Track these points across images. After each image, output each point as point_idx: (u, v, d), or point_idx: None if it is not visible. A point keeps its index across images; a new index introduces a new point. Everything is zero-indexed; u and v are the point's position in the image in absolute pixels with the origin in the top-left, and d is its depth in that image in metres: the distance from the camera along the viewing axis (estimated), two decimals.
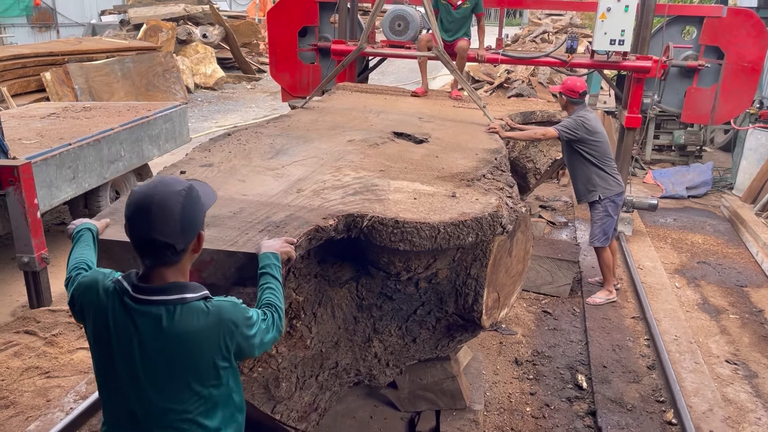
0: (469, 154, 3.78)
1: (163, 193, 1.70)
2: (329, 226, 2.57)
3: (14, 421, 3.63)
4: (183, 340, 1.70)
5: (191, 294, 1.74)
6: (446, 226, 2.66)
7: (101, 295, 1.76)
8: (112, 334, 1.72)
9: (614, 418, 3.84)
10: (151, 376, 1.73)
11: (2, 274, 5.63)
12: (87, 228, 2.16)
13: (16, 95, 10.63)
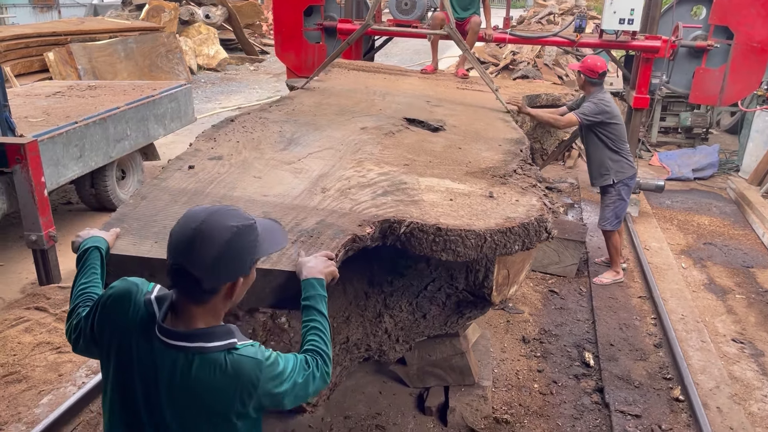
0: (492, 145, 3.63)
1: (213, 222, 1.52)
2: (366, 235, 2.36)
3: (27, 395, 3.66)
4: (196, 393, 1.54)
5: (214, 343, 1.55)
6: (492, 234, 2.45)
7: (131, 312, 1.59)
8: (135, 360, 1.57)
9: (621, 394, 3.86)
10: (162, 419, 1.59)
11: (11, 252, 5.65)
12: (95, 247, 1.94)
13: (19, 75, 10.59)
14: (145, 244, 2.15)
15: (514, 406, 3.76)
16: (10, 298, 4.82)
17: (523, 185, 2.99)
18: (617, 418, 3.64)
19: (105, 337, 1.61)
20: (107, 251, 1.98)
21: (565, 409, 3.76)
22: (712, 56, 6.84)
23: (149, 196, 2.55)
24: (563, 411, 3.75)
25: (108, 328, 1.61)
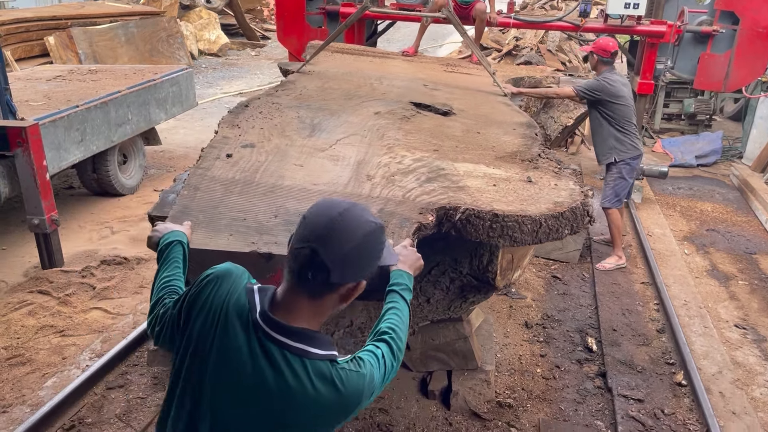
0: (507, 129, 3.70)
1: (355, 214, 1.45)
2: (430, 223, 2.39)
3: (31, 378, 3.67)
4: (288, 397, 1.40)
5: (317, 350, 1.43)
6: (547, 219, 2.49)
7: (227, 295, 1.49)
8: (214, 344, 1.45)
9: (624, 379, 3.87)
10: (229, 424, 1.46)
11: (13, 236, 5.65)
12: (178, 240, 1.87)
13: (19, 59, 10.53)
14: (220, 238, 2.18)
15: (516, 390, 3.77)
16: (13, 281, 4.82)
17: (554, 169, 3.03)
18: (620, 403, 3.65)
19: (190, 318, 1.51)
20: (188, 245, 1.92)
21: (567, 394, 3.77)
22: (718, 41, 6.80)
23: (201, 187, 2.58)
24: (566, 395, 3.75)
25: (196, 307, 1.51)
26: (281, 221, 2.36)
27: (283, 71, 5.16)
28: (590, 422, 3.53)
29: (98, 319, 4.29)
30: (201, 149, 3.00)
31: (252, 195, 2.56)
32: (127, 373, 3.73)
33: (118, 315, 4.35)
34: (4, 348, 3.93)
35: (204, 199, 2.48)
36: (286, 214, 2.42)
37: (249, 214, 2.39)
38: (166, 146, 8.30)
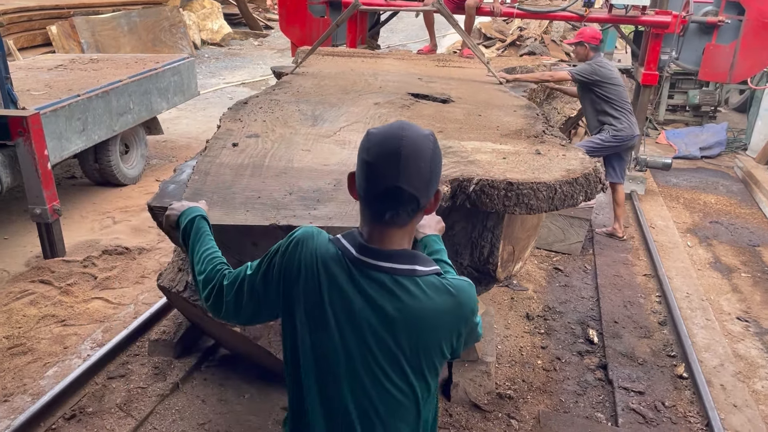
0: (507, 111, 3.74)
1: (414, 136, 1.43)
2: (445, 193, 2.45)
3: (33, 367, 3.68)
4: (413, 317, 1.44)
5: (423, 267, 1.48)
6: (562, 185, 2.55)
7: (318, 250, 1.51)
8: (326, 302, 1.48)
9: (625, 371, 3.86)
10: (365, 360, 1.48)
11: (15, 225, 5.65)
12: (201, 216, 1.87)
13: (22, 49, 10.51)
14: (237, 214, 2.23)
15: (517, 381, 3.77)
16: (14, 271, 4.83)
17: (561, 143, 3.08)
18: (620, 395, 3.65)
19: (289, 282, 1.53)
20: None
21: (568, 386, 3.76)
22: (723, 32, 6.73)
23: (212, 172, 2.62)
24: (566, 387, 3.75)
25: (292, 270, 1.52)
26: (296, 198, 2.41)
27: (276, 74, 5.17)
28: (590, 414, 3.53)
29: (99, 309, 4.30)
30: (206, 141, 3.01)
31: (264, 177, 2.60)
32: (128, 363, 3.74)
33: (119, 305, 4.36)
34: (5, 337, 3.94)
35: (215, 183, 2.52)
36: (300, 191, 2.47)
37: (263, 193, 2.44)
38: (169, 136, 8.29)
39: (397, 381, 1.49)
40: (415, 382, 1.50)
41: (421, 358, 1.48)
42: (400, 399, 1.51)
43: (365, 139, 1.47)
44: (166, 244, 5.24)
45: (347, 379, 1.50)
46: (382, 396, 1.50)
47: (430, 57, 5.98)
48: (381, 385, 1.49)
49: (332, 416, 1.53)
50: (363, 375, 1.49)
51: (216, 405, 3.44)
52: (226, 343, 3.76)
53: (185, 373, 3.63)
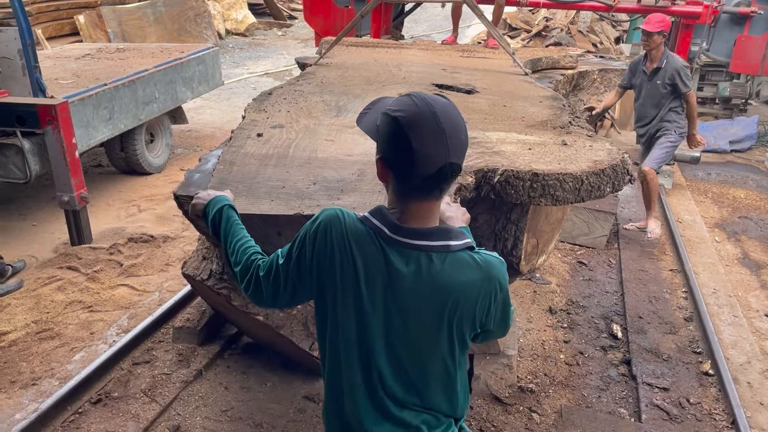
0: (533, 102, 3.70)
1: (444, 109, 1.44)
2: (469, 184, 2.45)
3: (60, 351, 3.75)
4: (445, 291, 1.49)
5: (456, 242, 1.51)
6: (588, 176, 2.52)
7: (348, 231, 1.52)
8: (362, 281, 1.51)
9: (649, 367, 3.81)
10: (401, 333, 1.53)
11: (43, 212, 5.75)
12: (230, 205, 1.87)
13: (50, 38, 10.66)
14: (262, 203, 2.25)
15: (539, 375, 3.74)
16: (43, 257, 4.92)
17: (588, 133, 3.04)
18: (644, 391, 3.61)
19: (321, 268, 1.55)
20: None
21: (591, 380, 3.73)
22: (755, 23, 6.59)
23: (237, 162, 2.64)
24: (589, 382, 3.72)
25: (326, 256, 1.54)
26: (320, 187, 2.42)
27: (300, 65, 5.17)
28: (613, 409, 3.50)
29: (125, 296, 4.36)
30: (230, 131, 3.03)
31: (288, 167, 2.61)
32: (152, 349, 3.79)
33: (144, 292, 4.42)
34: (34, 322, 4.02)
35: (240, 172, 2.54)
36: (324, 181, 2.48)
37: (287, 182, 2.45)
38: (193, 126, 8.36)
39: (431, 352, 1.55)
40: (447, 353, 1.56)
41: (454, 329, 1.54)
42: (434, 370, 1.58)
43: (395, 125, 1.44)
44: (190, 232, 5.29)
45: (386, 353, 1.55)
46: (418, 368, 1.57)
47: (454, 47, 5.93)
48: (417, 357, 1.56)
49: (374, 390, 1.58)
50: (400, 348, 1.55)
51: (239, 392, 3.47)
52: (249, 332, 3.79)
53: (208, 361, 3.67)
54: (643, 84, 5.44)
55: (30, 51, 4.92)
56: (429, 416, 1.63)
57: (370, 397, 1.59)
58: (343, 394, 1.61)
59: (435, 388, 1.61)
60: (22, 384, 3.49)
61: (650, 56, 5.37)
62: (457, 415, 1.69)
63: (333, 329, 1.58)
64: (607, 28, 11.65)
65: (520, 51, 6.30)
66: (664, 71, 5.28)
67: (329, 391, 1.67)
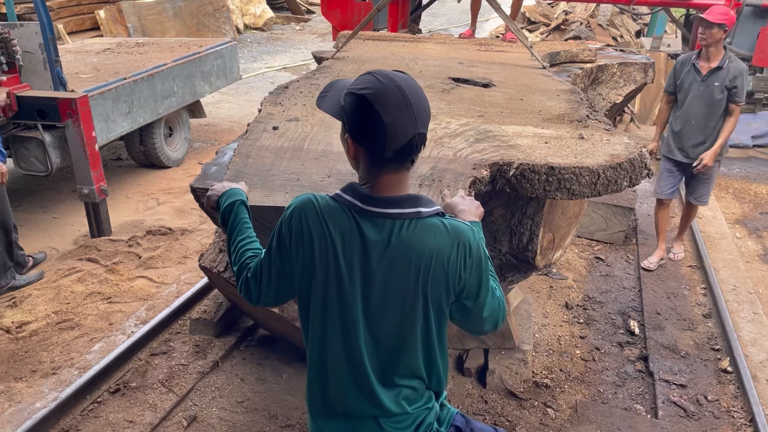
0: (550, 96, 3.67)
1: (406, 82, 1.50)
2: (484, 177, 2.45)
3: (80, 341, 3.81)
4: (416, 256, 1.53)
5: (426, 208, 1.57)
6: (605, 170, 2.50)
7: (322, 211, 1.58)
8: (341, 256, 1.56)
9: (666, 363, 3.78)
10: (379, 301, 1.58)
11: (64, 204, 5.84)
12: (241, 201, 1.88)
13: (71, 33, 10.80)
14: (277, 196, 2.26)
15: (554, 371, 3.73)
16: (63, 249, 4.99)
17: (605, 127, 3.02)
18: (661, 387, 3.57)
19: (303, 251, 1.60)
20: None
21: (607, 376, 3.70)
22: None
23: (252, 155, 2.66)
24: (605, 378, 3.69)
25: (303, 241, 1.59)
26: (335, 180, 2.43)
27: (317, 59, 5.18)
28: (629, 406, 3.47)
29: (143, 288, 4.41)
30: (247, 124, 3.04)
31: (303, 160, 2.62)
32: (170, 341, 3.84)
33: (162, 284, 4.47)
34: (54, 312, 4.08)
35: (255, 165, 2.55)
36: (338, 174, 2.48)
37: (302, 175, 2.46)
38: (211, 120, 8.42)
39: (408, 320, 1.60)
40: (423, 322, 1.61)
41: (429, 295, 1.58)
42: (412, 340, 1.62)
43: (362, 102, 1.48)
44: (208, 225, 5.34)
45: (366, 325, 1.60)
46: (396, 338, 1.62)
47: (471, 41, 5.89)
48: (395, 327, 1.61)
49: (356, 365, 1.63)
50: (379, 318, 1.60)
51: (254, 384, 3.50)
52: (265, 324, 3.82)
53: (225, 352, 3.71)
54: (693, 86, 4.56)
55: (51, 45, 4.98)
56: (408, 390, 1.68)
57: (352, 373, 1.64)
58: (327, 374, 1.67)
59: (414, 358, 1.65)
60: (43, 373, 3.55)
61: (706, 54, 4.50)
62: (435, 388, 1.74)
63: (315, 310, 1.64)
64: (628, 22, 11.51)
65: (538, 45, 6.25)
66: (726, 72, 4.42)
67: (313, 374, 1.71)
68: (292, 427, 3.20)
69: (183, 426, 3.18)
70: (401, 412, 1.67)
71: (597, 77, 5.96)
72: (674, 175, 4.81)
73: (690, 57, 4.66)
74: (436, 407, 1.76)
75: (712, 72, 4.49)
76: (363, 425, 1.68)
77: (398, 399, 1.66)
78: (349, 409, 1.68)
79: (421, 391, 1.71)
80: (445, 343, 1.71)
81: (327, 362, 1.66)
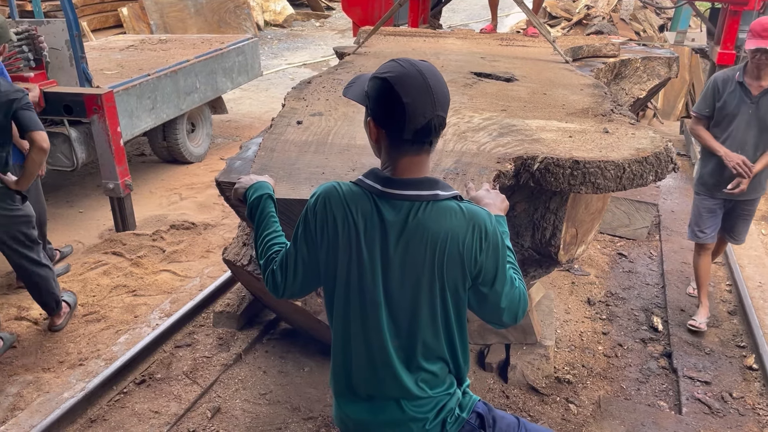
0: (574, 90, 3.65)
1: (426, 67, 1.55)
2: (509, 171, 2.45)
3: (106, 334, 3.87)
4: (432, 237, 1.56)
5: (444, 192, 1.59)
6: (631, 164, 2.49)
7: (345, 197, 1.62)
8: (362, 240, 1.60)
9: (691, 360, 3.74)
10: (399, 283, 1.61)
11: (89, 199, 5.93)
12: (268, 194, 1.90)
13: (95, 30, 10.94)
14: (303, 189, 2.29)
15: (576, 366, 3.71)
16: (89, 242, 5.07)
17: (630, 121, 3.00)
18: (685, 384, 3.54)
19: (328, 237, 1.64)
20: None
21: (630, 373, 3.68)
22: None
23: (277, 149, 2.69)
24: (628, 374, 3.67)
25: (328, 225, 1.63)
26: (359, 174, 2.43)
27: (338, 54, 5.19)
28: (653, 402, 3.44)
29: (167, 281, 4.47)
30: (271, 119, 3.07)
31: (327, 154, 2.64)
32: (194, 333, 3.88)
33: (185, 277, 4.52)
34: (81, 305, 4.15)
35: (281, 159, 2.58)
36: (362, 167, 2.50)
37: (327, 169, 2.49)
38: (232, 116, 8.48)
39: (426, 303, 1.62)
40: (440, 305, 1.63)
41: (445, 278, 1.60)
42: (430, 323, 1.64)
43: (385, 84, 1.53)
44: (230, 220, 5.39)
45: (386, 307, 1.63)
46: (415, 320, 1.64)
47: (493, 36, 5.87)
48: (413, 309, 1.63)
49: (378, 348, 1.65)
50: (398, 300, 1.62)
51: (277, 376, 3.53)
52: (287, 317, 3.85)
53: (248, 345, 3.75)
54: (741, 109, 3.79)
55: (77, 42, 5.06)
56: (430, 374, 1.69)
57: (375, 354, 1.66)
58: (351, 356, 1.70)
59: (435, 341, 1.67)
60: (70, 364, 3.62)
61: (756, 71, 3.73)
62: (456, 373, 1.76)
63: (339, 294, 1.67)
64: (651, 16, 11.36)
65: (560, 39, 6.20)
66: None
67: (338, 357, 1.74)
68: (315, 420, 3.22)
69: (207, 417, 3.22)
70: (423, 395, 1.69)
71: (620, 72, 5.90)
72: (716, 215, 4.03)
73: (733, 75, 3.86)
74: (458, 393, 1.77)
75: (766, 92, 3.74)
76: (385, 408, 1.70)
77: (420, 382, 1.68)
78: (372, 391, 1.71)
79: (443, 376, 1.73)
80: (465, 329, 1.72)
81: (350, 345, 1.69)
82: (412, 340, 1.66)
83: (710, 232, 4.04)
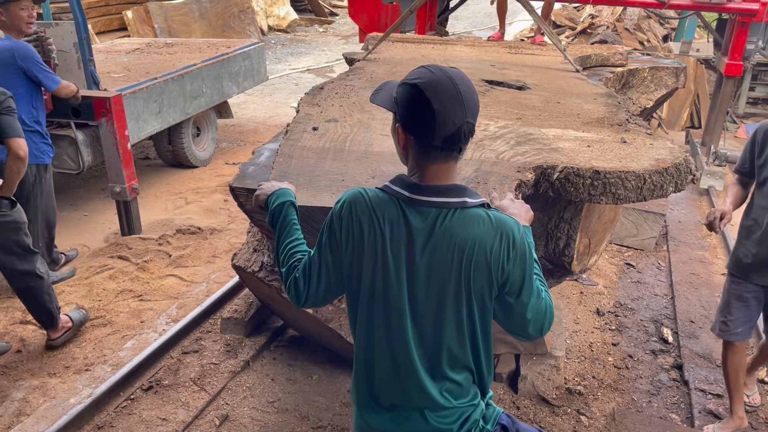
0: (587, 99, 3.64)
1: (457, 74, 1.53)
2: (530, 180, 2.44)
3: (112, 339, 3.84)
4: (459, 245, 1.54)
5: (472, 199, 1.58)
6: (651, 175, 2.48)
7: (371, 203, 1.60)
8: (388, 247, 1.58)
9: (702, 372, 3.71)
10: (424, 291, 1.59)
11: (94, 203, 5.89)
12: (290, 201, 1.88)
13: (99, 33, 10.92)
14: (323, 196, 2.28)
15: (587, 378, 3.68)
16: (94, 246, 5.03)
17: (648, 131, 2.99)
18: (697, 396, 3.51)
19: (354, 243, 1.62)
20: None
21: (641, 384, 3.65)
22: None
23: (295, 155, 2.68)
24: (639, 386, 3.64)
25: (354, 231, 1.61)
26: (379, 181, 2.46)
27: (348, 60, 5.19)
28: (664, 415, 3.41)
29: (174, 286, 4.43)
30: (278, 125, 3.05)
31: (346, 161, 2.63)
32: (201, 339, 3.85)
33: (192, 282, 4.49)
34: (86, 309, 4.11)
35: (299, 165, 2.57)
36: (382, 175, 2.49)
37: (346, 176, 2.48)
38: (237, 120, 8.46)
39: (451, 311, 1.60)
40: (466, 314, 1.60)
41: (471, 286, 1.58)
42: (456, 333, 1.62)
43: (415, 90, 1.51)
44: (236, 225, 5.36)
45: (411, 315, 1.61)
46: (439, 329, 1.61)
47: (501, 44, 5.86)
48: (438, 317, 1.61)
49: (402, 355, 1.63)
50: (423, 308, 1.60)
51: (285, 384, 3.50)
52: (296, 324, 3.82)
53: (255, 352, 3.71)
54: None
55: (85, 44, 5.04)
56: (454, 384, 1.67)
57: (399, 363, 1.64)
58: (374, 365, 1.68)
59: (461, 350, 1.64)
60: (76, 369, 3.58)
61: None
62: (480, 384, 1.73)
63: (363, 302, 1.65)
64: (655, 26, 11.39)
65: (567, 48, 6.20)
66: None
67: (360, 366, 1.72)
68: (324, 429, 3.19)
69: (215, 425, 3.18)
70: (448, 405, 1.66)
71: (628, 81, 5.90)
72: (749, 305, 3.13)
73: None
74: (482, 405, 1.75)
75: None
76: (409, 418, 1.68)
77: (444, 392, 1.66)
78: (395, 400, 1.68)
79: (467, 386, 1.70)
80: (489, 339, 1.70)
81: (374, 353, 1.67)
82: (437, 349, 1.63)
83: (737, 327, 3.14)
